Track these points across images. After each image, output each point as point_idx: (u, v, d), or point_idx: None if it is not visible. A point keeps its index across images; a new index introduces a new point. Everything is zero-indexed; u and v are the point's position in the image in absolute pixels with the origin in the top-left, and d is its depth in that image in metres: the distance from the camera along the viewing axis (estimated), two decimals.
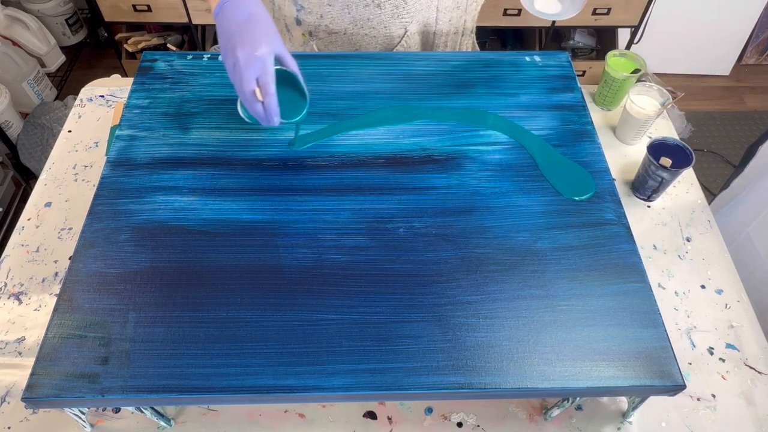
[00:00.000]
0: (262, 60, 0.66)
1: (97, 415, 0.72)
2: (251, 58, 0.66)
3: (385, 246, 0.69)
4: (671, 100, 0.96)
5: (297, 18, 0.93)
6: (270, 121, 0.69)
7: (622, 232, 0.71)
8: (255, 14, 0.68)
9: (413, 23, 0.92)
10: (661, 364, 0.61)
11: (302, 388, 0.58)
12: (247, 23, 0.67)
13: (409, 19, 0.91)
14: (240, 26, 0.67)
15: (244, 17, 0.68)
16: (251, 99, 0.67)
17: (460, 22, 0.97)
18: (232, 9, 0.68)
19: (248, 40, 0.66)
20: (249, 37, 0.67)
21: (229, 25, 0.68)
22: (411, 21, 0.91)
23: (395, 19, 0.90)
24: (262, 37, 0.67)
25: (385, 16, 0.90)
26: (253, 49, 0.66)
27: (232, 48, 0.66)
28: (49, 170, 0.96)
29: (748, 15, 2.20)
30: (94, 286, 0.64)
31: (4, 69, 1.96)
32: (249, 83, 0.66)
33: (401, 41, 0.93)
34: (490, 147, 0.79)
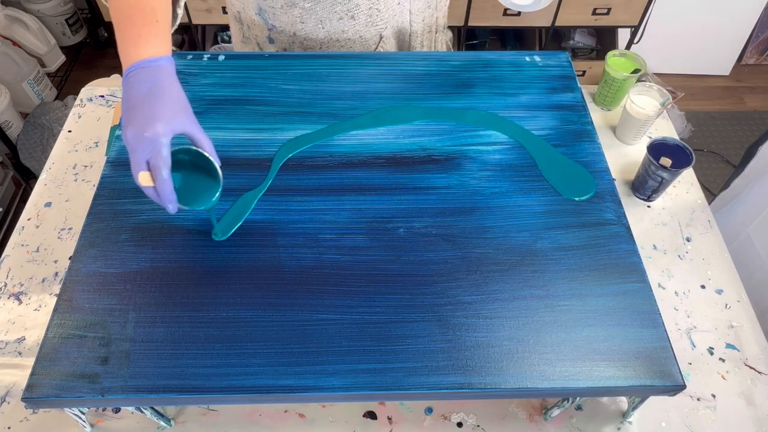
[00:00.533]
0: (153, 141, 0.57)
1: (97, 415, 0.72)
2: (139, 139, 0.57)
3: (385, 246, 0.69)
4: (671, 100, 0.96)
5: (269, 37, 0.93)
6: (167, 209, 0.60)
7: (622, 232, 0.71)
8: (159, 87, 0.59)
9: (387, 29, 0.92)
10: (661, 364, 0.61)
11: (302, 388, 0.58)
12: (147, 98, 0.59)
13: (383, 25, 0.91)
14: (140, 101, 0.59)
15: (144, 91, 0.59)
16: (140, 184, 0.59)
17: (432, 20, 0.97)
18: (136, 81, 0.60)
19: (141, 118, 0.58)
20: (144, 115, 0.58)
21: (128, 99, 0.59)
22: (385, 27, 0.91)
23: (370, 28, 0.90)
24: (158, 114, 0.58)
25: (360, 26, 0.89)
26: (143, 129, 0.57)
27: (125, 123, 0.59)
28: (49, 170, 0.96)
29: (748, 15, 2.20)
30: (94, 286, 0.64)
31: (4, 69, 1.96)
32: (137, 166, 0.58)
33: (377, 47, 0.93)
34: (490, 147, 0.79)
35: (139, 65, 0.60)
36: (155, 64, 0.60)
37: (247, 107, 0.82)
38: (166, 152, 0.58)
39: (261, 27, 0.92)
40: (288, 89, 0.85)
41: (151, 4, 0.63)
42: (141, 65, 0.60)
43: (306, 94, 0.84)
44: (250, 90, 0.84)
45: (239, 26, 0.96)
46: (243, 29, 0.96)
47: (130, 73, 0.60)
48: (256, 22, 0.92)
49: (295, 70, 0.87)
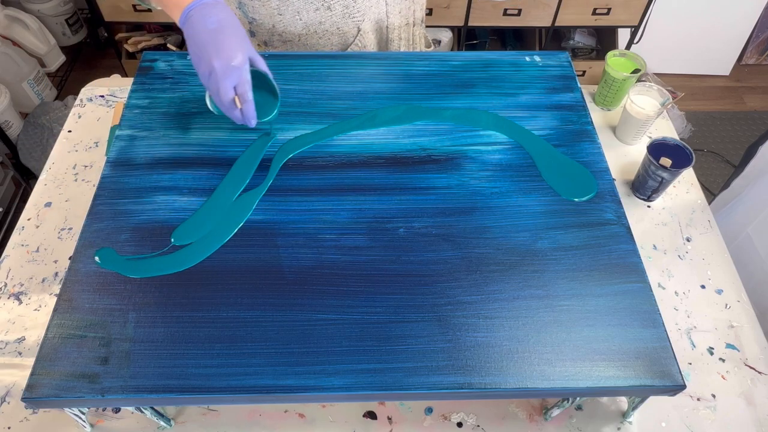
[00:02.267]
0: (239, 69, 0.67)
1: (97, 415, 0.72)
2: (228, 69, 0.66)
3: (385, 246, 0.69)
4: (671, 100, 0.96)
5: (250, 30, 0.94)
6: (248, 124, 0.72)
7: (622, 232, 0.71)
8: (224, 21, 0.68)
9: (365, 21, 0.92)
10: (661, 364, 0.61)
11: (302, 388, 0.58)
12: (218, 31, 0.67)
13: (361, 17, 0.91)
14: (211, 35, 0.67)
15: (213, 25, 0.67)
16: (230, 107, 0.69)
17: (409, 12, 0.98)
18: (200, 17, 0.67)
19: (223, 50, 0.66)
20: (223, 46, 0.67)
21: (199, 34, 0.67)
22: (363, 19, 0.92)
23: (347, 19, 0.90)
24: (236, 45, 0.67)
25: (337, 17, 0.90)
26: (229, 59, 0.66)
27: (207, 58, 0.67)
28: (49, 170, 0.96)
29: (748, 15, 2.20)
30: (94, 286, 0.64)
31: (4, 69, 1.96)
32: (227, 93, 0.68)
33: (355, 40, 0.94)
34: (490, 147, 0.79)
35: (198, 3, 0.68)
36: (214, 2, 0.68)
37: None
38: (249, 78, 0.69)
39: (242, 21, 0.93)
40: (288, 89, 0.85)
41: None
42: (199, 2, 0.68)
43: (306, 94, 0.84)
44: None
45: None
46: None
47: (192, 11, 0.68)
48: (238, 16, 0.92)
49: (295, 70, 0.87)
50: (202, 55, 0.67)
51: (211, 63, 0.66)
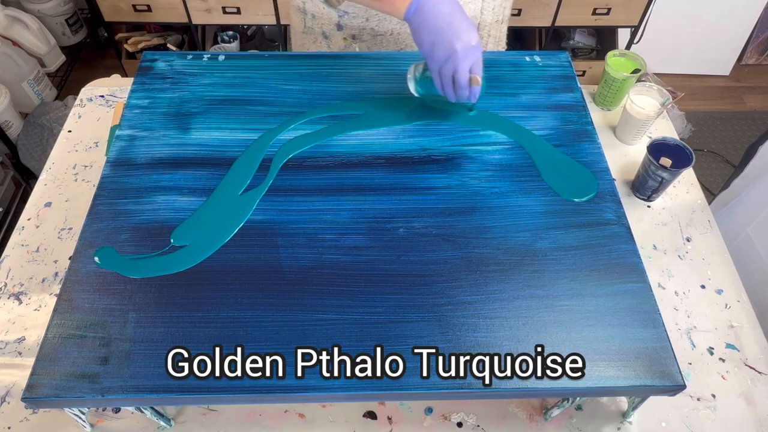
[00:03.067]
0: (477, 49, 0.71)
1: (97, 415, 0.72)
2: (468, 49, 0.70)
3: (385, 246, 0.69)
4: (671, 100, 0.96)
5: (338, 23, 0.93)
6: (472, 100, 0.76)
7: (622, 232, 0.71)
8: (455, 5, 0.72)
9: None
10: (661, 364, 0.61)
11: (302, 388, 0.58)
12: (453, 15, 0.71)
13: None
14: (447, 19, 0.70)
15: (447, 9, 0.71)
16: (464, 86, 0.73)
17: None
18: (432, 5, 0.71)
19: (462, 32, 0.70)
20: (461, 28, 0.70)
21: (435, 20, 0.71)
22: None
23: None
24: (471, 26, 0.71)
25: None
26: (469, 41, 0.70)
27: (447, 42, 0.70)
28: (49, 170, 0.96)
29: (748, 15, 2.20)
30: (94, 286, 0.64)
31: (4, 69, 1.96)
32: (465, 73, 0.72)
33: None
34: (490, 147, 0.79)
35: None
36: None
37: (247, 107, 0.82)
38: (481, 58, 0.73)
39: (330, 16, 0.93)
40: (288, 89, 0.85)
41: None
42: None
43: (306, 94, 0.84)
44: (250, 90, 0.84)
45: (302, 17, 0.97)
46: (306, 20, 0.97)
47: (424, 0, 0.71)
48: (324, 11, 0.93)
49: (295, 70, 0.87)
50: (439, 40, 0.71)
51: (452, 45, 0.70)
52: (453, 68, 0.71)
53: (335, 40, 0.96)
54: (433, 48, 0.72)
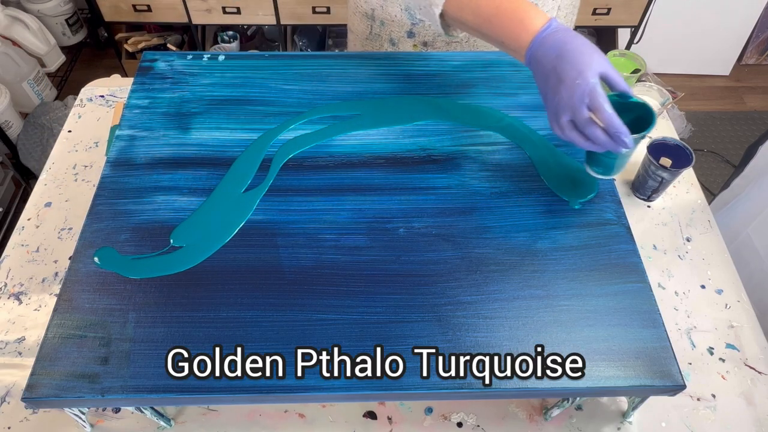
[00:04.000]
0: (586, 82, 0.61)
1: (97, 415, 0.72)
2: (573, 85, 0.61)
3: (385, 246, 0.69)
4: (671, 100, 0.96)
5: (410, 30, 0.93)
6: (619, 142, 0.62)
7: (622, 232, 0.71)
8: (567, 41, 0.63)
9: None
10: (661, 364, 0.61)
11: (302, 388, 0.58)
12: (561, 57, 0.63)
13: None
14: (554, 62, 0.63)
15: (554, 53, 0.63)
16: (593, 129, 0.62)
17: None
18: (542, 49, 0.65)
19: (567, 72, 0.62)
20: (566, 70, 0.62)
21: (543, 69, 0.64)
22: None
23: None
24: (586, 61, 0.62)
25: None
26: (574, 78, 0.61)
27: (552, 87, 0.63)
28: (49, 170, 0.96)
29: (748, 15, 2.20)
30: (94, 286, 0.64)
31: (4, 69, 1.96)
32: (581, 112, 0.61)
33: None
34: (490, 147, 0.79)
35: (542, 34, 0.65)
36: (553, 27, 0.65)
37: (247, 107, 0.82)
38: (600, 89, 0.62)
39: (402, 23, 0.92)
40: (288, 89, 0.85)
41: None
42: (543, 33, 0.65)
43: (306, 94, 0.84)
44: (250, 90, 0.84)
45: (368, 23, 0.96)
46: (373, 26, 0.96)
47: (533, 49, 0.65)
48: (396, 18, 0.92)
49: (295, 70, 0.87)
50: (546, 88, 0.64)
51: (557, 90, 0.62)
52: (568, 113, 0.62)
53: (403, 46, 0.96)
54: (545, 99, 0.65)
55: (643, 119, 0.66)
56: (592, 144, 0.63)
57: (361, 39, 1.01)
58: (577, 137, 0.64)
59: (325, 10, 1.97)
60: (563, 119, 0.63)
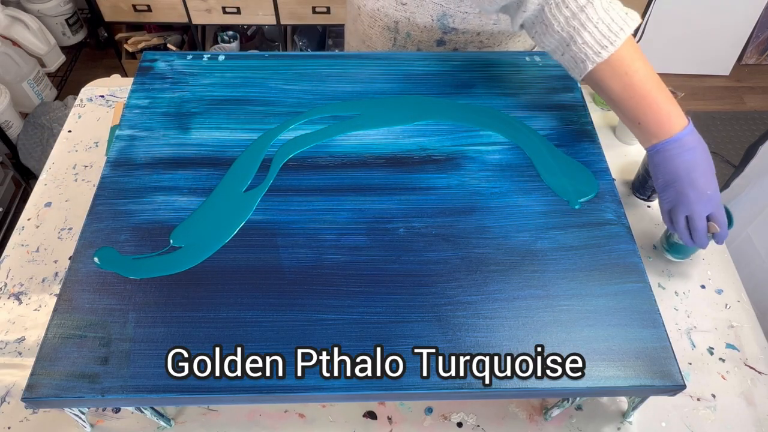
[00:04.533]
0: (713, 199, 0.70)
1: (97, 415, 0.72)
2: (703, 197, 0.69)
3: (385, 246, 0.69)
4: None
5: (441, 39, 0.93)
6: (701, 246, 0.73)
7: (622, 232, 0.71)
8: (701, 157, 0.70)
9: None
10: (661, 364, 0.61)
11: (302, 388, 0.58)
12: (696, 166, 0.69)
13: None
14: (689, 166, 0.69)
15: (691, 158, 0.69)
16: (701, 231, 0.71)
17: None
18: (680, 152, 0.69)
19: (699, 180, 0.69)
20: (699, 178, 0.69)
21: (675, 165, 0.70)
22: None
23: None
24: (712, 179, 0.70)
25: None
26: (705, 189, 0.69)
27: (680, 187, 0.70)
28: (49, 170, 0.96)
29: (748, 15, 2.20)
30: (94, 286, 0.64)
31: (4, 69, 1.96)
32: (701, 219, 0.70)
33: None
34: (490, 147, 0.79)
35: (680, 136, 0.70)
36: (691, 128, 0.70)
37: (247, 107, 0.82)
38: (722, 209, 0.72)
39: (432, 32, 0.92)
40: (288, 89, 0.85)
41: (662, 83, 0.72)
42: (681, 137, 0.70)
43: (306, 94, 0.84)
44: (250, 90, 0.84)
45: (392, 36, 0.95)
46: (397, 39, 0.95)
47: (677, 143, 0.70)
48: (426, 28, 0.91)
49: (295, 70, 0.87)
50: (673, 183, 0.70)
51: (684, 191, 0.69)
52: (687, 211, 0.70)
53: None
54: (665, 188, 0.71)
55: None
56: (690, 241, 0.73)
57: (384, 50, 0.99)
58: (685, 233, 0.72)
59: (325, 10, 1.97)
60: (681, 215, 0.71)
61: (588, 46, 0.69)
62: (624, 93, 0.71)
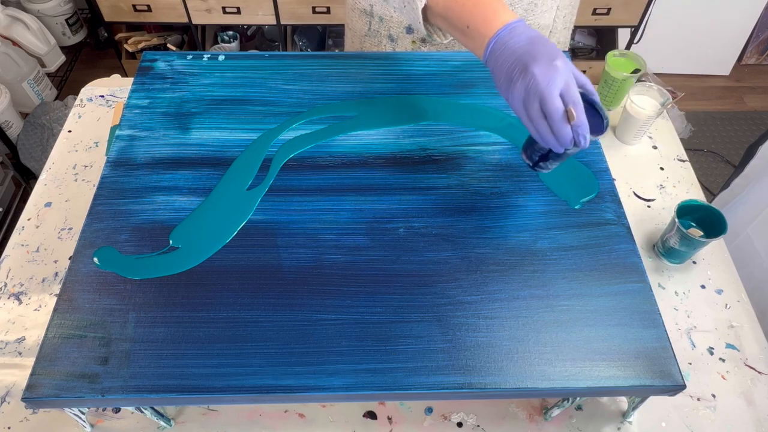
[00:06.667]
0: (563, 71, 0.58)
1: (97, 415, 0.72)
2: (550, 70, 0.57)
3: (385, 246, 0.69)
4: (671, 100, 0.96)
5: (409, 27, 0.93)
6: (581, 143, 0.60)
7: (622, 232, 0.71)
8: (534, 34, 0.62)
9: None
10: (661, 364, 0.61)
11: (302, 388, 0.58)
12: (532, 43, 0.60)
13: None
14: (525, 47, 0.60)
15: (525, 41, 0.60)
16: (559, 119, 0.58)
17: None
18: (509, 39, 0.61)
19: (540, 55, 0.58)
20: (539, 52, 0.59)
21: (510, 53, 0.60)
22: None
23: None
24: (552, 49, 0.59)
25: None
26: (551, 60, 0.58)
27: (522, 68, 0.59)
28: (49, 170, 0.96)
29: (748, 15, 2.20)
30: (94, 286, 0.64)
31: (4, 69, 1.96)
32: (554, 101, 0.57)
33: None
34: (490, 147, 0.79)
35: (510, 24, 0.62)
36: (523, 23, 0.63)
37: (247, 107, 0.82)
38: (573, 79, 0.59)
39: (400, 19, 0.92)
40: (288, 89, 0.85)
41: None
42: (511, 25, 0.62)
43: (306, 94, 0.84)
44: (250, 90, 0.84)
45: (367, 20, 0.96)
46: (372, 23, 0.96)
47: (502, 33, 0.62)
48: (394, 14, 0.92)
49: (295, 70, 0.87)
50: (514, 70, 0.60)
51: (528, 69, 0.58)
52: (537, 97, 0.58)
53: (402, 42, 0.96)
54: (509, 82, 0.60)
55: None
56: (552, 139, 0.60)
57: (360, 36, 1.01)
58: (544, 128, 0.59)
59: (325, 10, 1.97)
60: (533, 106, 0.59)
61: None
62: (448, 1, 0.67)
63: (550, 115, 0.58)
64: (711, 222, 0.82)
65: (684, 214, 0.83)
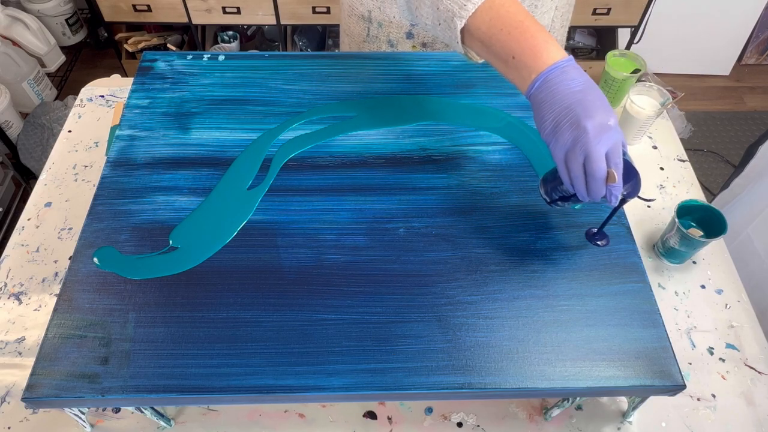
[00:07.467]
0: (614, 132, 0.56)
1: (97, 415, 0.72)
2: (603, 130, 0.55)
3: (385, 246, 0.69)
4: (671, 100, 0.96)
5: (409, 32, 0.92)
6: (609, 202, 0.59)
7: (622, 232, 0.71)
8: (589, 83, 0.58)
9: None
10: (661, 364, 0.61)
11: (302, 388, 0.58)
12: (586, 92, 0.57)
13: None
14: (579, 96, 0.57)
15: (580, 87, 0.57)
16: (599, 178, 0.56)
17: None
18: (563, 80, 0.58)
19: (596, 110, 0.55)
20: (595, 106, 0.56)
21: (562, 96, 0.57)
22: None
23: None
24: (607, 107, 0.56)
25: None
26: (605, 120, 0.55)
27: (574, 120, 0.56)
28: (49, 170, 0.96)
29: (748, 15, 2.20)
30: (94, 286, 0.64)
31: (4, 69, 1.96)
32: (599, 161, 0.55)
33: None
34: (490, 147, 0.79)
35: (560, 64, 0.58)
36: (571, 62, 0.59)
37: (247, 107, 0.82)
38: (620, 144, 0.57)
39: (400, 24, 0.92)
40: (288, 89, 0.85)
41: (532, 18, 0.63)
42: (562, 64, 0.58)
43: (306, 94, 0.84)
44: (250, 90, 0.84)
45: (366, 25, 0.96)
46: (371, 28, 0.96)
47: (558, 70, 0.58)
48: (395, 19, 0.92)
49: (295, 70, 0.87)
50: (564, 118, 0.57)
51: (581, 124, 0.55)
52: (583, 153, 0.56)
53: (402, 47, 0.96)
54: (556, 128, 0.57)
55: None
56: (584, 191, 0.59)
57: (358, 41, 1.01)
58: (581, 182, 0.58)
59: (325, 10, 1.97)
60: (578, 158, 0.57)
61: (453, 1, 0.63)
62: (492, 27, 0.62)
63: (592, 174, 0.57)
64: (711, 222, 0.82)
65: (684, 214, 0.83)
